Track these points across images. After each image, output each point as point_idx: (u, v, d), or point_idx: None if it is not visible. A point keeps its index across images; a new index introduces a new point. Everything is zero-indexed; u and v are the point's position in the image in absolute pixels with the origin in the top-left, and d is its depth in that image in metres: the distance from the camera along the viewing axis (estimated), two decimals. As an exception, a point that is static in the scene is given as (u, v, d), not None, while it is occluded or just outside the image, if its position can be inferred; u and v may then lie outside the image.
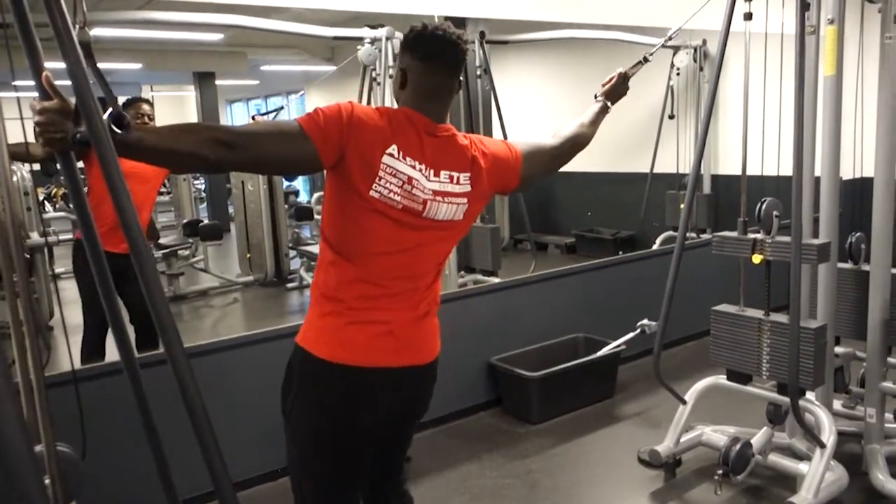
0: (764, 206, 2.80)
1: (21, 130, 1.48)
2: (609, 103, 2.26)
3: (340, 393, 1.66)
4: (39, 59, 1.32)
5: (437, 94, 1.71)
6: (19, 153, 2.54)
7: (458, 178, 1.70)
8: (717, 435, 3.08)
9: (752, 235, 2.86)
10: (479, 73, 5.47)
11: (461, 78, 1.77)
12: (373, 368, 1.66)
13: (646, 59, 2.40)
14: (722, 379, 3.07)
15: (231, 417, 2.95)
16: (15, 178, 5.61)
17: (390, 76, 4.53)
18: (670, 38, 2.43)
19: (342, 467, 1.74)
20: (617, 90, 2.30)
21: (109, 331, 1.54)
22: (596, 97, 2.27)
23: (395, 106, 1.76)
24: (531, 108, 7.52)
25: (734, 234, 2.93)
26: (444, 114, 1.73)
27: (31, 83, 1.35)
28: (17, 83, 1.41)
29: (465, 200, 1.71)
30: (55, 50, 1.30)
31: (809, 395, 2.89)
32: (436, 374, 1.82)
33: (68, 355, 1.53)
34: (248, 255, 6.92)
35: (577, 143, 2.09)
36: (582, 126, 2.13)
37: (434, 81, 1.69)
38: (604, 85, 2.30)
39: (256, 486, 3.11)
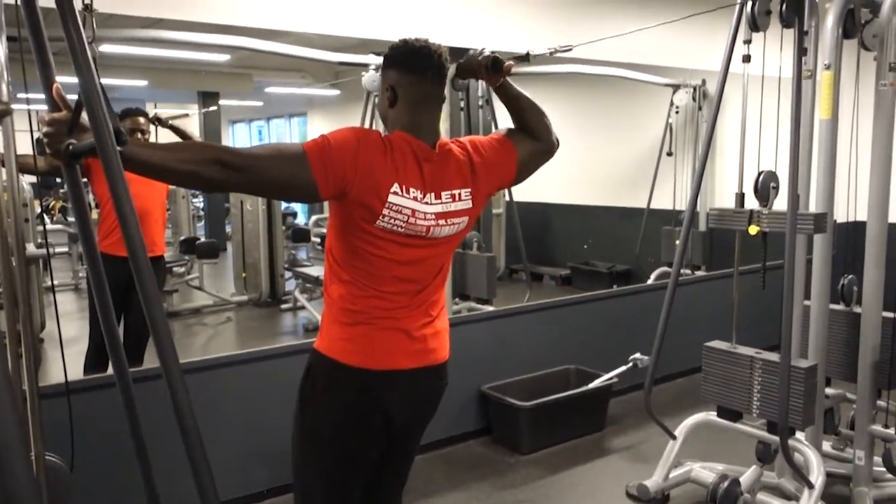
0: (761, 178, 2.82)
1: (31, 143, 1.50)
2: (502, 80, 1.87)
3: (364, 397, 1.72)
4: (51, 71, 1.35)
5: (428, 105, 1.74)
6: (28, 165, 2.56)
7: (460, 194, 1.74)
8: (705, 472, 3.08)
9: (748, 208, 2.86)
10: (481, 103, 5.53)
11: (461, 97, 1.78)
12: (395, 371, 1.73)
13: (527, 58, 2.02)
14: (712, 415, 3.07)
15: (217, 436, 2.93)
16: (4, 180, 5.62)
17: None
18: (568, 49, 2.03)
19: (355, 471, 1.79)
20: (497, 80, 1.86)
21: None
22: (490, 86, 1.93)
23: (382, 127, 1.79)
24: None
25: (730, 207, 2.94)
26: (436, 126, 1.76)
27: (39, 97, 1.38)
28: (27, 96, 1.44)
29: (465, 219, 1.77)
30: (63, 65, 1.33)
31: (799, 434, 2.89)
32: (447, 375, 1.87)
33: (62, 366, 1.53)
34: (244, 275, 6.92)
35: (543, 126, 1.91)
36: (526, 116, 1.90)
37: (423, 92, 1.72)
38: (474, 72, 1.88)
39: (241, 506, 3.08)
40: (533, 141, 1.91)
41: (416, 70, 1.71)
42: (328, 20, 3.39)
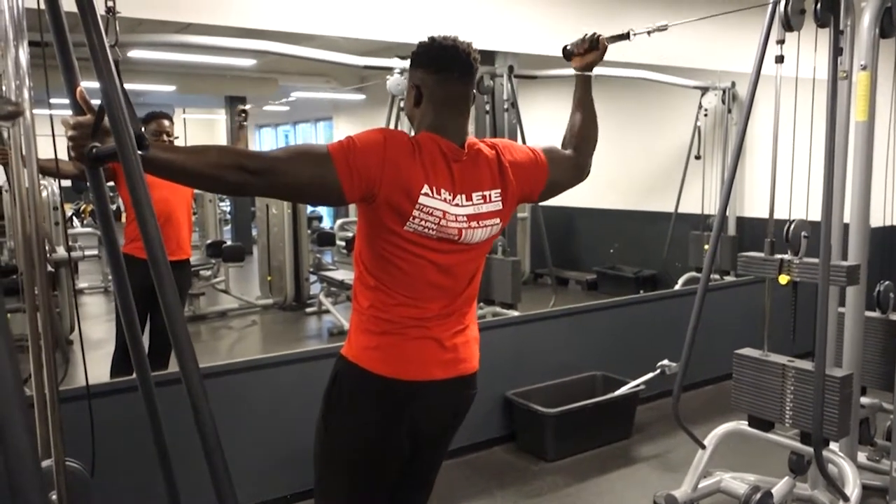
0: (792, 227, 2.76)
1: (52, 147, 1.49)
2: (588, 72, 2.01)
3: (393, 406, 1.69)
4: (75, 75, 1.35)
5: (455, 105, 1.70)
6: (49, 168, 2.58)
7: (490, 195, 1.71)
8: (736, 482, 3.00)
9: (779, 256, 2.81)
10: (506, 106, 5.49)
11: (475, 91, 1.78)
12: (427, 381, 1.70)
13: (629, 36, 2.06)
14: (743, 425, 3.00)
15: (241, 440, 2.93)
16: (45, 193, 5.71)
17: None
18: (664, 28, 2.09)
19: (380, 481, 1.76)
20: (594, 60, 1.99)
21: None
22: (575, 70, 2.02)
23: (409, 127, 1.77)
24: (557, 143, 7.52)
25: (761, 254, 2.88)
26: (465, 127, 1.73)
27: (62, 101, 1.38)
28: (52, 101, 1.44)
29: (497, 220, 1.74)
30: (86, 70, 1.33)
31: (833, 445, 2.81)
32: (476, 384, 1.84)
33: (83, 370, 1.52)
34: (269, 278, 6.96)
35: (589, 141, 2.00)
36: (582, 125, 1.99)
37: (450, 91, 1.69)
38: (577, 54, 2.00)
39: (265, 511, 3.07)
40: (568, 158, 1.92)
41: (442, 69, 1.67)
42: (354, 23, 3.39)
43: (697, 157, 6.43)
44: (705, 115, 6.45)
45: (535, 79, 6.02)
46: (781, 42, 2.74)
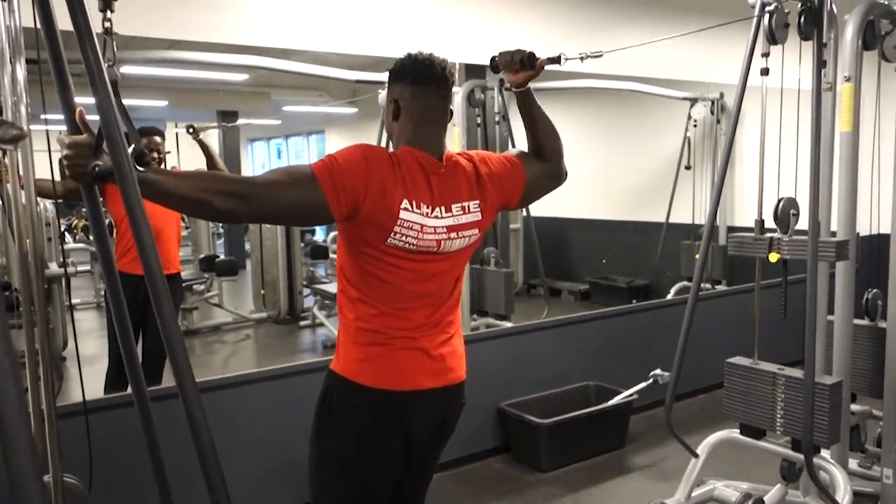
0: (781, 205, 2.79)
1: (48, 164, 1.51)
2: (522, 89, 1.89)
3: (385, 418, 1.71)
4: (71, 94, 1.37)
5: (432, 118, 1.72)
6: (46, 189, 2.57)
7: (469, 206, 1.73)
8: (729, 490, 3.02)
9: (768, 234, 2.83)
10: (497, 119, 5.53)
11: (478, 113, 1.79)
12: (416, 391, 1.71)
13: (559, 60, 1.90)
14: (735, 433, 3.02)
15: (236, 454, 2.93)
16: (38, 209, 5.70)
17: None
18: (599, 56, 1.98)
19: (373, 493, 1.77)
20: (526, 78, 1.86)
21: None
22: (511, 87, 1.92)
23: (389, 143, 1.79)
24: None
25: (750, 234, 2.91)
26: (442, 139, 1.75)
27: (57, 117, 1.40)
28: (46, 117, 1.46)
29: (476, 231, 1.76)
30: (82, 86, 1.35)
31: (825, 452, 2.84)
32: (465, 394, 1.85)
33: (80, 386, 1.53)
34: (263, 292, 6.95)
35: (554, 151, 1.92)
36: (541, 136, 1.91)
37: (427, 104, 1.71)
38: (507, 67, 1.88)
39: (260, 525, 3.07)
40: (542, 164, 1.90)
41: (417, 81, 1.70)
42: (344, 39, 3.42)
43: (687, 168, 6.48)
44: (695, 125, 6.51)
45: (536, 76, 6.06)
46: (767, 55, 2.79)
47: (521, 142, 5.77)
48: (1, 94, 1.23)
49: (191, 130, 4.07)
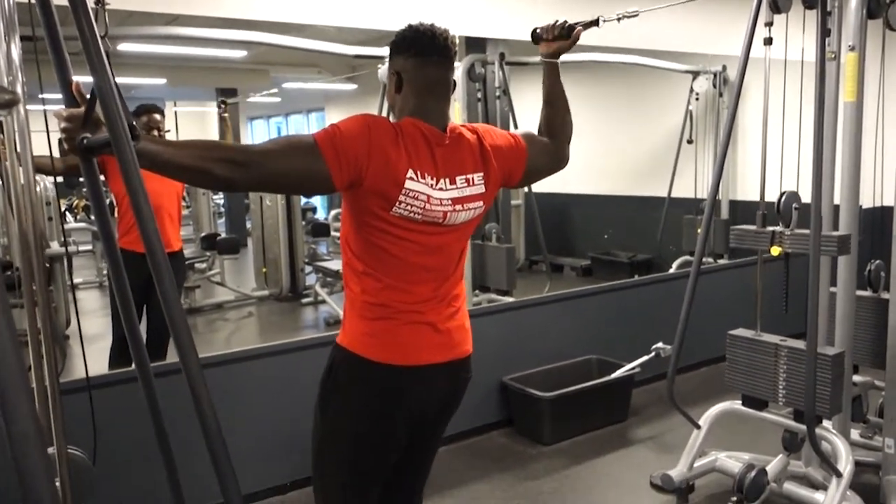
0: (783, 199, 2.78)
1: (47, 143, 1.50)
2: (556, 59, 1.94)
3: (391, 392, 1.71)
4: (67, 68, 1.35)
5: (435, 90, 1.71)
6: (44, 165, 2.57)
7: (473, 178, 1.72)
8: (731, 461, 3.04)
9: (770, 228, 2.83)
10: (498, 94, 5.50)
11: (478, 88, 1.79)
12: (423, 366, 1.71)
13: (598, 23, 1.96)
14: (737, 404, 3.04)
15: (239, 429, 2.95)
16: (38, 189, 5.69)
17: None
18: (635, 15, 2.02)
19: (377, 468, 1.78)
20: (562, 48, 1.92)
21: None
22: (542, 57, 1.95)
23: (390, 115, 1.77)
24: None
25: (752, 227, 2.90)
26: (446, 111, 1.73)
27: (54, 97, 1.39)
28: (44, 96, 1.44)
29: (481, 203, 1.75)
30: (76, 64, 1.33)
31: (826, 423, 2.85)
32: (471, 368, 1.85)
33: (83, 363, 1.54)
34: (264, 270, 6.96)
35: (564, 131, 1.95)
36: (555, 114, 1.94)
37: (429, 76, 1.70)
38: (545, 39, 1.93)
39: (264, 499, 3.10)
40: (546, 145, 1.90)
41: (420, 53, 1.68)
42: (344, 13, 3.39)
43: (690, 142, 6.45)
44: (697, 99, 6.46)
45: (527, 66, 6.03)
46: (770, 24, 2.76)
47: (522, 116, 5.76)
48: (-3, 70, 1.22)
49: (222, 106, 4.11)
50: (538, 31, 1.93)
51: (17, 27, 1.24)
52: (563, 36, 1.87)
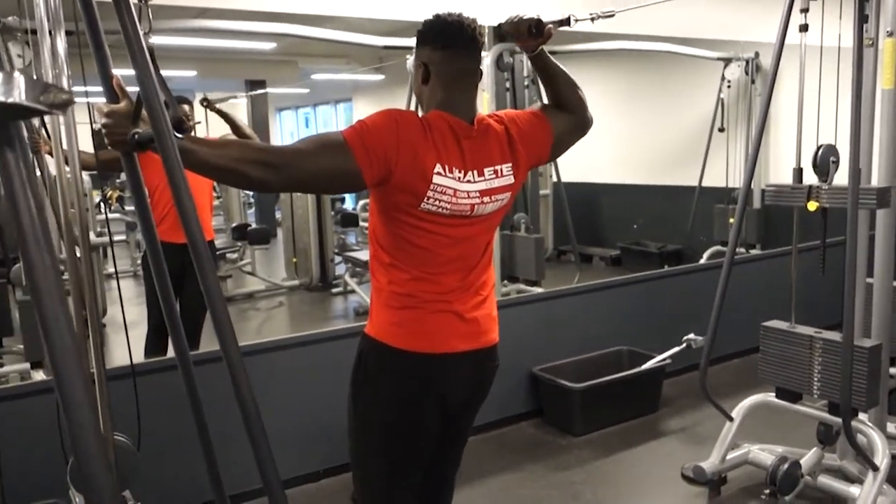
0: (820, 152, 2.72)
1: (89, 136, 1.53)
2: (533, 53, 1.83)
3: (419, 381, 1.72)
4: (108, 63, 1.38)
5: (462, 82, 1.70)
6: (88, 162, 2.59)
7: (501, 170, 1.72)
8: (764, 454, 3.02)
9: (807, 183, 2.77)
10: (526, 83, 5.48)
11: (507, 77, 1.77)
12: (450, 354, 1.72)
13: (569, 22, 1.89)
14: (771, 396, 3.01)
15: (271, 418, 2.97)
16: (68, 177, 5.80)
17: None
18: (610, 15, 1.93)
19: (409, 456, 1.79)
20: (536, 45, 1.80)
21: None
22: (527, 53, 1.86)
23: (417, 107, 1.77)
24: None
25: (788, 183, 2.85)
26: (473, 102, 1.73)
27: (94, 89, 1.42)
28: (86, 89, 1.47)
29: (508, 194, 1.75)
30: (119, 59, 1.36)
31: (862, 416, 2.81)
32: (498, 356, 1.86)
33: (128, 350, 1.57)
34: (295, 260, 7.04)
35: (579, 103, 1.87)
36: (561, 90, 1.87)
37: (457, 68, 1.69)
38: (517, 40, 1.83)
39: (296, 486, 3.15)
40: (567, 115, 1.87)
41: (447, 44, 1.67)
42: (373, 3, 3.40)
43: (721, 130, 6.37)
44: (728, 86, 6.38)
45: (555, 55, 5.99)
46: (805, 10, 2.71)
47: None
48: (41, 65, 1.25)
49: (204, 104, 4.14)
50: (504, 27, 1.82)
51: (62, 22, 1.27)
52: (533, 35, 1.77)
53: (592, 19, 1.89)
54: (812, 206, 2.71)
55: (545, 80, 1.88)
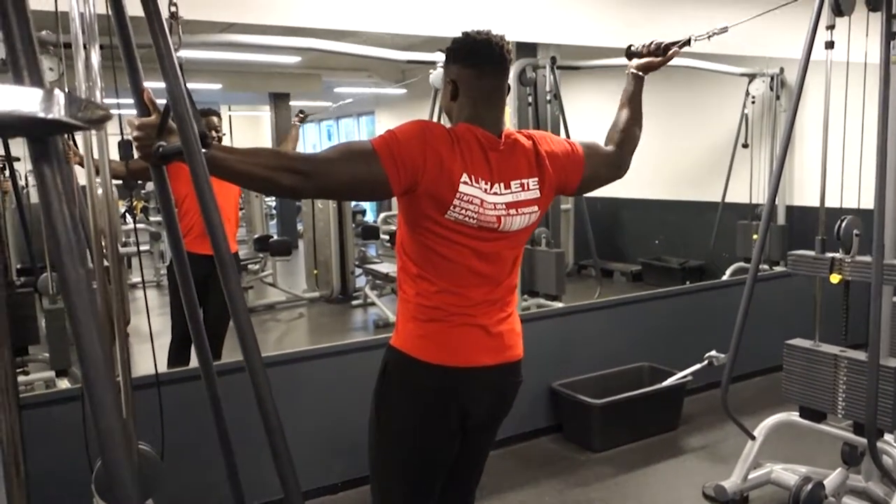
0: (844, 224, 2.71)
1: (117, 147, 1.56)
2: (644, 74, 2.02)
3: (443, 394, 1.73)
4: (140, 78, 1.41)
5: (490, 99, 1.73)
6: (117, 172, 2.63)
7: (528, 183, 1.74)
8: (787, 474, 2.98)
9: (830, 255, 2.76)
10: (549, 98, 5.49)
11: (518, 83, 1.81)
12: (473, 367, 1.73)
13: (689, 42, 2.04)
14: (794, 416, 2.97)
15: (290, 429, 2.99)
16: (100, 192, 5.89)
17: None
18: (724, 31, 2.11)
19: (430, 470, 1.80)
20: (653, 64, 2.00)
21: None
22: (629, 70, 2.02)
23: (446, 121, 1.80)
24: (601, 134, 7.47)
25: (811, 252, 2.83)
26: (501, 119, 1.75)
27: (124, 101, 1.45)
28: (118, 101, 1.51)
29: (536, 208, 1.76)
30: (149, 70, 1.39)
31: (888, 436, 2.77)
32: (521, 372, 1.87)
33: (153, 359, 1.59)
34: (315, 272, 7.08)
35: (632, 139, 2.01)
36: (627, 122, 1.99)
37: (485, 85, 1.71)
38: (639, 54, 2.01)
39: (315, 498, 3.15)
40: (607, 153, 1.93)
41: (476, 63, 1.70)
42: (396, 19, 3.43)
43: (745, 146, 6.33)
44: (753, 102, 6.34)
45: (579, 70, 6.00)
46: (832, 27, 2.70)
47: (572, 120, 5.71)
48: (76, 79, 1.28)
49: (300, 115, 4.59)
50: (633, 48, 2.00)
51: (97, 36, 1.30)
52: (655, 53, 1.94)
53: (709, 37, 2.01)
54: (835, 279, 2.70)
55: (627, 103, 1.99)
